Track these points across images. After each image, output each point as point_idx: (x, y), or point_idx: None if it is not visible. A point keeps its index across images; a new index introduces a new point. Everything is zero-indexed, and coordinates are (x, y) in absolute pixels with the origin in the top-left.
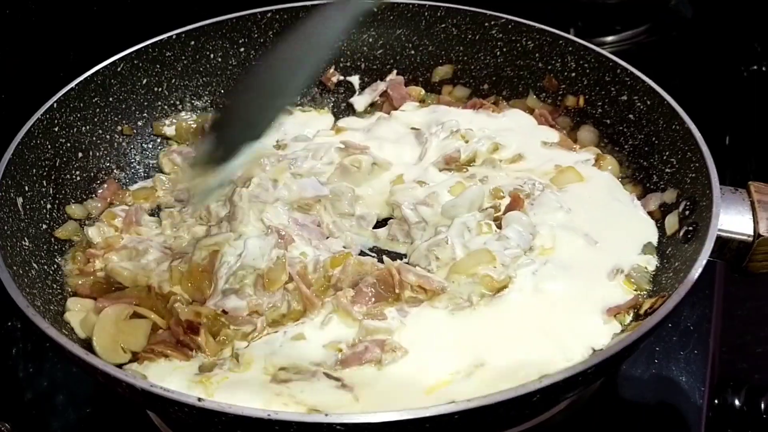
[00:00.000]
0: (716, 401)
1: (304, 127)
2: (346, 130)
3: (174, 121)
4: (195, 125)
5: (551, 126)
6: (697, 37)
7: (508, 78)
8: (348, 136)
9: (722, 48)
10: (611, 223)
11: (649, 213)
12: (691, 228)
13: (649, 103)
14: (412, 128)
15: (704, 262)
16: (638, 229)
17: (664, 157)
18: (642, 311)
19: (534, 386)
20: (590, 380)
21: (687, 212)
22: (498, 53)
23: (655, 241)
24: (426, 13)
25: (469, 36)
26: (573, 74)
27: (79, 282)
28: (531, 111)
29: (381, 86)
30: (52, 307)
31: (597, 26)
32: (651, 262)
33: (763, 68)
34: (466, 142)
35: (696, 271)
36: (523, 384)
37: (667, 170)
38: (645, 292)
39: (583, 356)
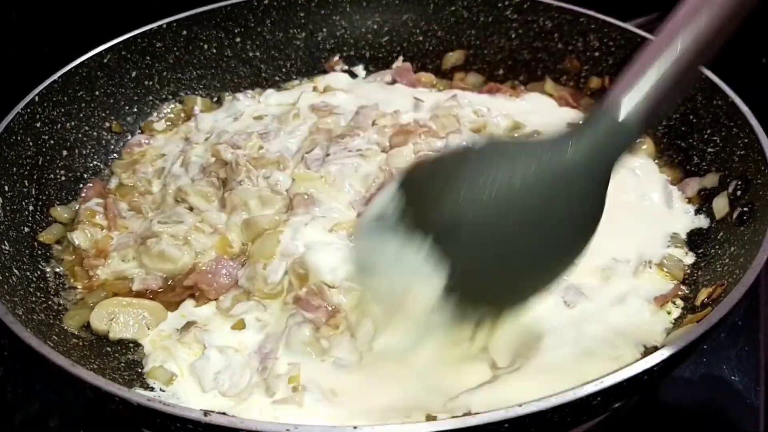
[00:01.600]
0: None
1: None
2: (331, 90)
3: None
4: (184, 114)
5: (574, 108)
6: None
7: (525, 61)
8: (331, 97)
9: (738, 36)
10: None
11: (688, 199)
12: (746, 209)
13: None
14: (415, 98)
15: None
16: (662, 221)
17: (706, 136)
18: (698, 302)
19: (593, 387)
20: (655, 380)
21: (739, 192)
22: (513, 35)
23: (683, 232)
24: None
25: (482, 18)
26: (597, 54)
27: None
28: (551, 95)
29: (387, 76)
30: (35, 317)
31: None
32: (681, 254)
33: None
34: (480, 116)
35: (764, 254)
36: (580, 385)
37: (710, 150)
38: (681, 282)
39: (634, 355)
